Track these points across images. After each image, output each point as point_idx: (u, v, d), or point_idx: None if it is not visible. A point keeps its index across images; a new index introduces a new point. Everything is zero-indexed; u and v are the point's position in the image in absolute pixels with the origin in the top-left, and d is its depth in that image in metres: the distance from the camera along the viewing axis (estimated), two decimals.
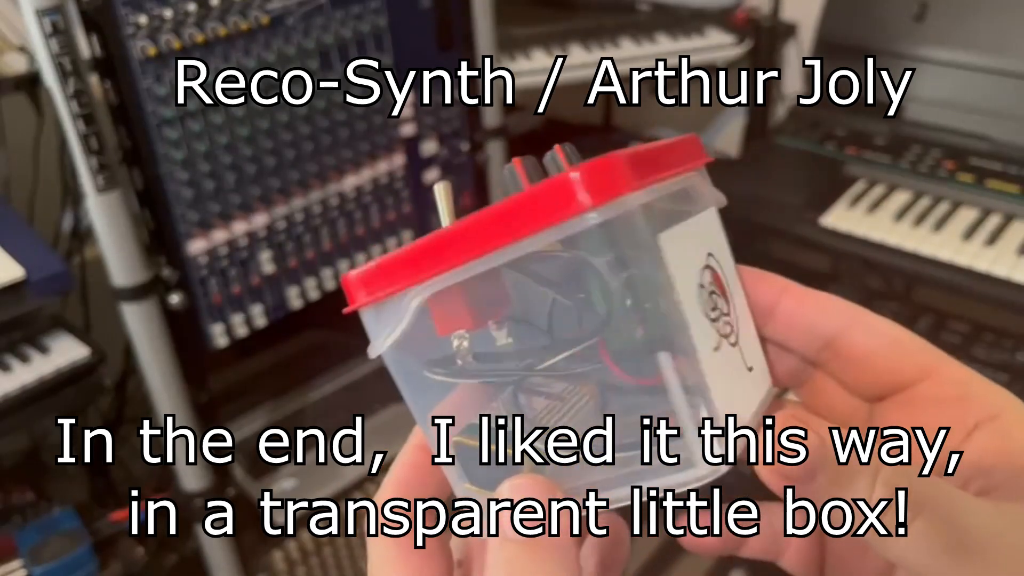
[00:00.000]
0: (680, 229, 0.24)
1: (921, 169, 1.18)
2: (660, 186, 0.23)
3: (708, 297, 0.24)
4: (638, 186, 0.22)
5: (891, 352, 0.25)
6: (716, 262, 0.25)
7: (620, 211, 0.21)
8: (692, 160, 0.26)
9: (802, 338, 0.26)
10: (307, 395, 1.34)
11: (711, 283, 0.24)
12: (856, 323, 0.26)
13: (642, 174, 0.22)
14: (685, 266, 0.23)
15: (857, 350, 0.25)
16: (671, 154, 0.25)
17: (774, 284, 0.26)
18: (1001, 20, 1.18)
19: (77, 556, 0.99)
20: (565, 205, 0.21)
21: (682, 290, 0.22)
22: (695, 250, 0.24)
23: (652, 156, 0.24)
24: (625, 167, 0.22)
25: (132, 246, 0.89)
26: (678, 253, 0.23)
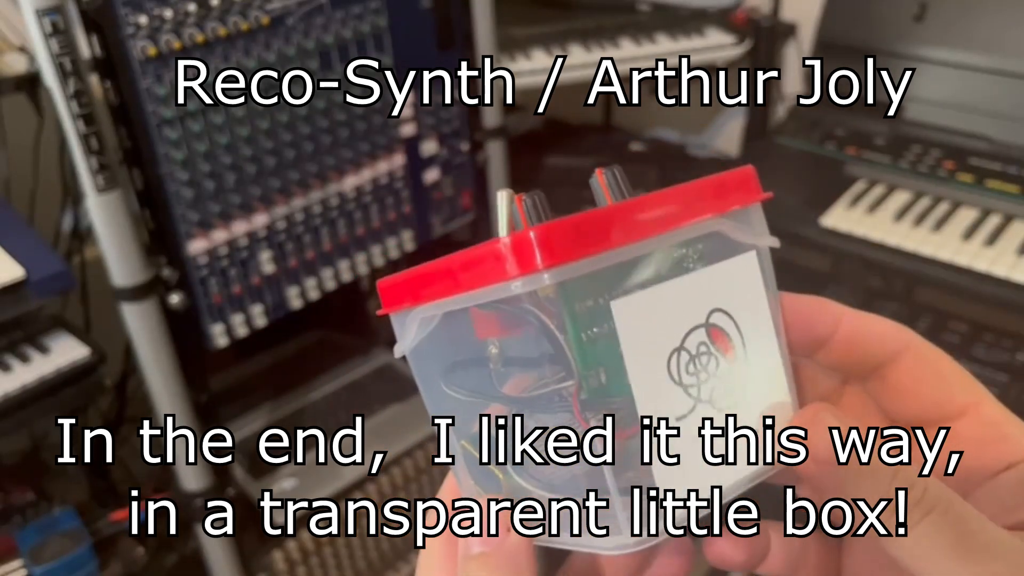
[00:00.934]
0: (656, 291, 0.23)
1: (921, 169, 1.18)
2: (628, 247, 0.22)
3: (689, 362, 0.23)
4: (572, 257, 0.21)
5: (936, 387, 0.26)
6: (728, 317, 0.24)
7: (538, 285, 0.21)
8: (720, 203, 0.25)
9: (856, 366, 0.27)
10: (307, 395, 1.34)
11: (701, 345, 0.24)
12: (907, 352, 0.26)
13: (590, 242, 0.22)
14: (651, 331, 0.23)
15: (904, 381, 0.26)
16: (674, 203, 0.24)
17: (833, 312, 0.26)
18: (1001, 20, 1.18)
19: (77, 556, 0.99)
20: (496, 271, 0.22)
21: (635, 359, 0.22)
22: (679, 311, 0.23)
23: (623, 215, 0.23)
24: (561, 238, 0.21)
25: (132, 246, 0.89)
26: (643, 318, 0.23)
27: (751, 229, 0.26)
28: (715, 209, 0.25)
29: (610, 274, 0.23)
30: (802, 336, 0.27)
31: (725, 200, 0.25)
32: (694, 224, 0.24)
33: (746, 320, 0.25)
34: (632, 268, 0.24)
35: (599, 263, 0.22)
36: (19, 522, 1.02)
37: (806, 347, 0.27)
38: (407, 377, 0.28)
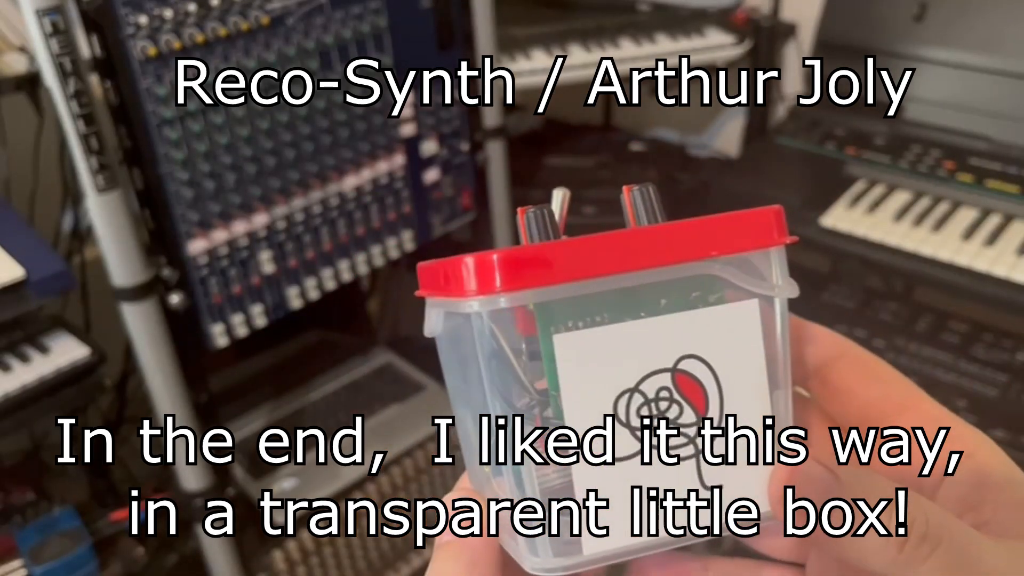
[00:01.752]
0: (613, 329, 0.23)
1: (921, 169, 1.18)
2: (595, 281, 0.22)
3: (644, 405, 0.23)
4: (532, 284, 0.22)
5: (872, 385, 0.26)
6: (705, 367, 0.23)
7: (492, 307, 0.22)
8: (725, 244, 0.23)
9: (793, 364, 0.27)
10: (307, 395, 1.34)
11: (662, 391, 0.23)
12: (844, 355, 0.27)
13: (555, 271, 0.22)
14: (598, 368, 0.22)
15: (844, 382, 0.27)
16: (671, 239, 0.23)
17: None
18: (1001, 20, 1.18)
19: (77, 556, 0.99)
20: (460, 286, 0.22)
21: (573, 392, 0.22)
22: (640, 353, 0.23)
23: (604, 245, 0.22)
24: (525, 263, 0.22)
25: (132, 246, 0.89)
26: (589, 354, 0.22)
27: (757, 275, 0.24)
28: (717, 250, 0.23)
29: (587, 302, 0.23)
30: None
31: (732, 242, 0.23)
32: (682, 265, 0.23)
33: (731, 374, 0.23)
34: (606, 299, 0.23)
35: (558, 293, 0.22)
36: (19, 522, 1.02)
37: None
38: (407, 377, 0.28)
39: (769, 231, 0.24)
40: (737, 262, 0.24)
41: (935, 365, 1.14)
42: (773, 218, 0.24)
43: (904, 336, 1.18)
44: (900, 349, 1.16)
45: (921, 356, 1.15)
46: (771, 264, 0.24)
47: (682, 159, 1.52)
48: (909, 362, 1.14)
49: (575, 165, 1.48)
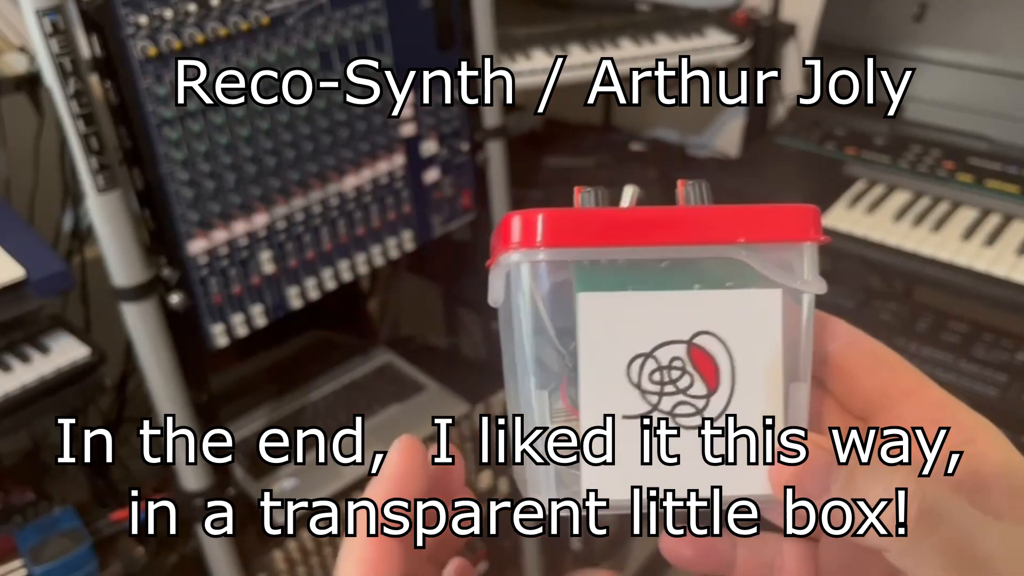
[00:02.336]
0: (638, 296, 0.24)
1: (921, 169, 1.18)
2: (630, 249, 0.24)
3: (656, 371, 0.24)
4: (571, 243, 0.24)
5: (878, 371, 0.27)
6: (722, 346, 0.24)
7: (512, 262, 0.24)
8: (756, 233, 0.24)
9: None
10: (307, 395, 1.34)
11: (676, 360, 0.24)
12: (854, 343, 0.28)
13: (591, 235, 0.24)
14: (616, 331, 0.24)
15: (850, 366, 0.27)
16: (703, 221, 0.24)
17: None
18: (1001, 20, 1.18)
19: (77, 556, 0.99)
20: (505, 240, 0.24)
21: (590, 350, 0.24)
22: (658, 321, 0.24)
23: (638, 219, 0.24)
24: (567, 224, 0.24)
25: (132, 246, 0.89)
26: (609, 316, 0.24)
27: (787, 268, 0.25)
28: (745, 236, 0.24)
29: (620, 270, 0.24)
30: None
31: (762, 231, 0.25)
32: (709, 246, 0.24)
33: (746, 357, 0.25)
34: (640, 270, 0.25)
35: (591, 255, 0.24)
36: (19, 522, 1.02)
37: None
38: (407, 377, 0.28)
39: (801, 227, 0.25)
40: (767, 252, 0.25)
41: (935, 365, 1.14)
42: (808, 215, 0.25)
43: (904, 336, 1.18)
44: (900, 349, 1.16)
45: (921, 356, 1.15)
46: (803, 259, 0.25)
47: (682, 159, 1.52)
48: (909, 362, 1.14)
49: (575, 165, 1.48)
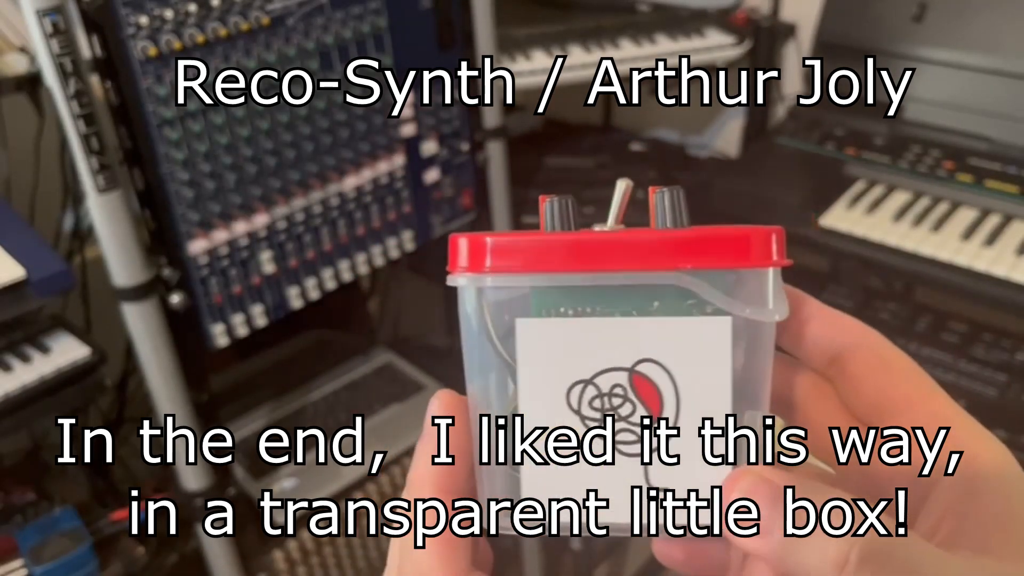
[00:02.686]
0: (576, 322, 0.24)
1: (920, 169, 1.18)
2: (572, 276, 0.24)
3: (596, 397, 0.24)
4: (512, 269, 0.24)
5: (884, 376, 0.26)
6: (665, 374, 0.24)
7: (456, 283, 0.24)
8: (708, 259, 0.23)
9: (811, 351, 0.27)
10: (307, 395, 1.34)
11: (617, 388, 0.24)
12: (862, 345, 0.26)
13: (531, 260, 0.24)
14: (554, 356, 0.24)
15: (856, 369, 0.26)
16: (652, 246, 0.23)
17: (791, 296, 0.27)
18: (1000, 20, 1.18)
19: (78, 556, 0.99)
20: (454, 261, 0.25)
21: (529, 375, 0.24)
22: (597, 348, 0.24)
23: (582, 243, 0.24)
24: (506, 249, 0.24)
25: (133, 246, 0.89)
26: (547, 341, 0.24)
27: (739, 295, 0.24)
28: (688, 262, 0.23)
29: (566, 294, 0.24)
30: None
31: (710, 256, 0.23)
32: (651, 273, 0.23)
33: (691, 385, 0.24)
34: (585, 295, 0.24)
35: (532, 282, 0.24)
36: (19, 522, 1.02)
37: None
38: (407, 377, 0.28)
39: (754, 251, 0.23)
40: (718, 278, 0.24)
41: (935, 365, 1.14)
42: (760, 239, 0.24)
43: (904, 336, 1.18)
44: (900, 349, 1.16)
45: (921, 356, 1.15)
46: (751, 283, 0.24)
47: (682, 159, 1.52)
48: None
49: (575, 165, 1.48)
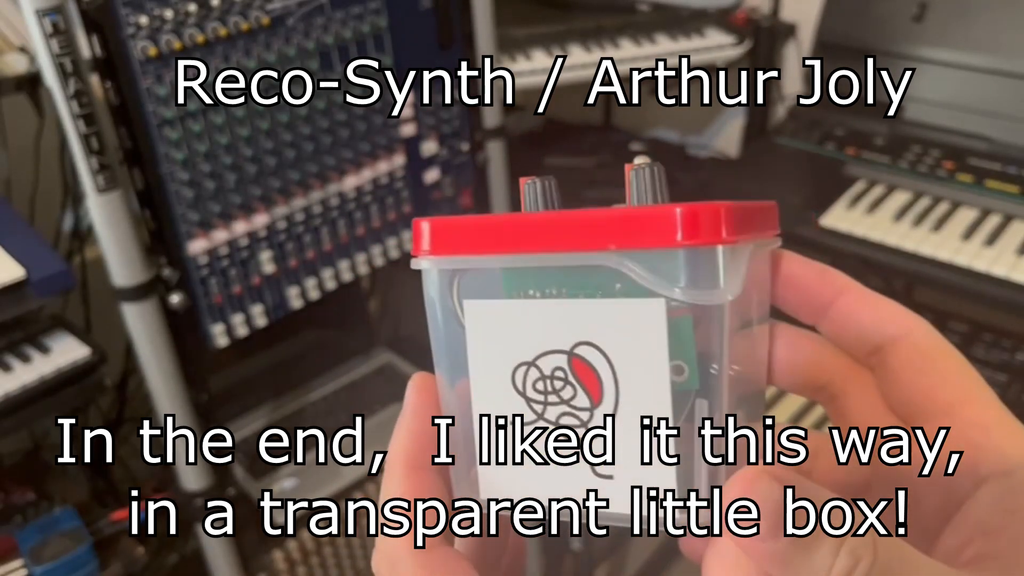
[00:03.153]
0: (519, 304, 0.24)
1: (921, 169, 1.18)
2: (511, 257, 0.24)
3: (539, 380, 0.24)
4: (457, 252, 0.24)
5: (925, 375, 0.24)
6: (603, 358, 0.23)
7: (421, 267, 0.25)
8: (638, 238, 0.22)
9: (852, 340, 0.26)
10: (307, 395, 1.34)
11: (558, 371, 0.23)
12: (906, 337, 0.25)
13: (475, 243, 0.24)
14: (499, 338, 0.24)
15: (897, 364, 0.25)
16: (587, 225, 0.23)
17: (834, 282, 0.26)
18: (1000, 20, 1.18)
19: (78, 556, 0.99)
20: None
21: (477, 357, 0.24)
22: (538, 330, 0.23)
23: (521, 224, 0.23)
24: (451, 232, 0.24)
25: (132, 246, 0.89)
26: (493, 324, 0.24)
27: (693, 274, 0.22)
28: (616, 243, 0.22)
29: (537, 275, 0.24)
30: (798, 301, 0.26)
31: (642, 235, 0.22)
32: (583, 253, 0.23)
33: (628, 369, 0.23)
34: (533, 276, 0.24)
35: (471, 264, 0.24)
36: (19, 522, 1.02)
37: (805, 314, 0.27)
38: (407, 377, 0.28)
39: (678, 229, 0.22)
40: (641, 258, 0.22)
41: None
42: (699, 215, 0.22)
43: None
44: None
45: None
46: (713, 263, 0.22)
47: (682, 159, 1.52)
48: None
49: (575, 165, 1.48)
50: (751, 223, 0.24)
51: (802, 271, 0.26)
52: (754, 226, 0.24)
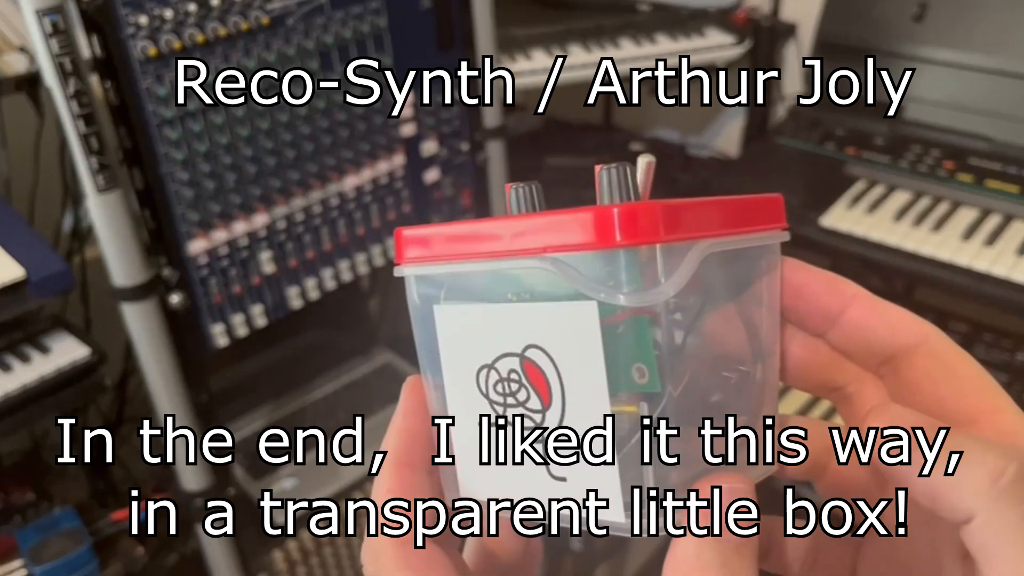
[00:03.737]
0: (480, 308, 0.24)
1: (921, 169, 1.18)
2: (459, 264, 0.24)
3: (499, 382, 0.24)
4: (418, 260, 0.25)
5: (944, 385, 0.24)
6: (549, 360, 0.23)
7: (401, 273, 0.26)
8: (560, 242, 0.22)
9: (863, 351, 0.25)
10: (307, 395, 1.34)
11: (512, 373, 0.24)
12: (921, 346, 0.24)
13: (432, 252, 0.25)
14: (464, 341, 0.24)
15: (916, 378, 0.24)
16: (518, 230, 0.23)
17: (843, 291, 0.25)
18: (1001, 20, 1.18)
19: (77, 556, 0.99)
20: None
21: (448, 359, 0.25)
22: (496, 334, 0.24)
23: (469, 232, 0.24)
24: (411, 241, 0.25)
25: (132, 246, 0.89)
26: (458, 327, 0.24)
27: (610, 277, 0.22)
28: (551, 247, 0.22)
29: (467, 280, 0.25)
30: (806, 311, 0.26)
31: (571, 238, 0.22)
32: (519, 259, 0.23)
33: (571, 372, 0.23)
34: (479, 280, 0.25)
35: (424, 272, 0.25)
36: (19, 522, 1.02)
37: (813, 324, 0.26)
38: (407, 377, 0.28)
39: (598, 229, 0.22)
40: (572, 260, 0.22)
41: None
42: (630, 215, 0.21)
43: None
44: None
45: None
46: (635, 264, 0.22)
47: (682, 159, 1.52)
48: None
49: (575, 165, 1.48)
50: (703, 221, 0.23)
51: (809, 280, 0.26)
52: (713, 224, 0.23)
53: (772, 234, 0.26)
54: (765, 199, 0.26)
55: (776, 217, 0.27)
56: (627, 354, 0.23)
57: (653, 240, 0.21)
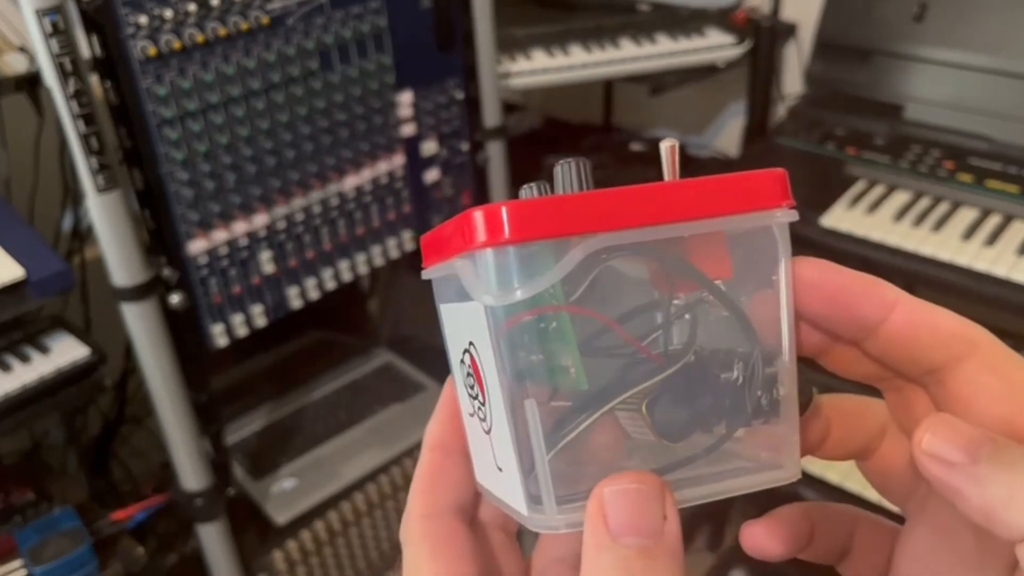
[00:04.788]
0: (457, 307, 0.25)
1: (921, 169, 1.18)
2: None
3: (466, 375, 0.25)
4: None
5: (999, 402, 0.22)
6: (477, 356, 0.23)
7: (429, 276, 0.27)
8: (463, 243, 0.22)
9: (906, 361, 0.23)
10: (307, 395, 1.34)
11: (469, 366, 0.24)
12: (971, 355, 0.22)
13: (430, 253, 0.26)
14: (455, 337, 0.26)
15: (963, 389, 0.22)
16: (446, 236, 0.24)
17: (884, 297, 0.23)
18: (1001, 20, 1.18)
19: (77, 556, 0.99)
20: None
21: (452, 351, 0.26)
22: (460, 331, 0.25)
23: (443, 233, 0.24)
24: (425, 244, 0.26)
25: (132, 246, 0.89)
26: (454, 323, 0.26)
27: (491, 278, 0.21)
28: (456, 251, 0.22)
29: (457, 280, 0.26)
30: (842, 318, 0.23)
31: (464, 244, 0.22)
32: (445, 264, 0.24)
33: (485, 368, 0.23)
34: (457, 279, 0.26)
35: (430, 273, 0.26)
36: (19, 522, 1.02)
37: (849, 332, 0.24)
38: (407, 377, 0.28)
39: (460, 234, 0.22)
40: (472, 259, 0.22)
41: None
42: (480, 220, 0.21)
43: None
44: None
45: None
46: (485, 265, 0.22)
47: (682, 159, 1.52)
48: None
49: None
50: (602, 214, 0.22)
51: (845, 284, 0.24)
52: (625, 216, 0.22)
53: (745, 217, 0.24)
54: (739, 178, 0.24)
55: (761, 199, 0.24)
56: (558, 350, 0.23)
57: (500, 241, 0.21)
